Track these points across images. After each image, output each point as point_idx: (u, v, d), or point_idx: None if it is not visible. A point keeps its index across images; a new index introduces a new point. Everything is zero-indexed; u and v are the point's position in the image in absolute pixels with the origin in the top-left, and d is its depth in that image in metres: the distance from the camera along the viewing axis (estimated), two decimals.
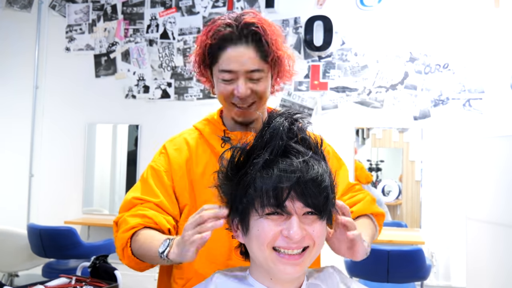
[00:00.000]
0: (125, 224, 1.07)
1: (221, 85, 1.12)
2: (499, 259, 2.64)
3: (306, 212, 0.79)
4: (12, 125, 4.38)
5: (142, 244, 1.02)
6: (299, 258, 0.79)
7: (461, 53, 3.59)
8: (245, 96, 1.10)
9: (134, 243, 1.04)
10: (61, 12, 4.37)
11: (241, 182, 0.81)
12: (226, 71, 1.10)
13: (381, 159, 4.04)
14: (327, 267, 0.96)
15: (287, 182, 0.76)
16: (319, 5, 3.82)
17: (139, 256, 1.04)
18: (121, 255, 1.07)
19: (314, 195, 0.78)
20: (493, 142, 2.85)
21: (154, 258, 0.95)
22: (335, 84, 3.79)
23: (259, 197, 0.78)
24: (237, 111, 1.14)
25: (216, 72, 1.13)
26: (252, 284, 0.85)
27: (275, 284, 0.84)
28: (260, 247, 0.79)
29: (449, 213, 3.55)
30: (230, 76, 1.10)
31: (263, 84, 1.12)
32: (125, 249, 1.06)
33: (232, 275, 0.89)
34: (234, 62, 1.09)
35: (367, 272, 2.88)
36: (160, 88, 4.12)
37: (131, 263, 1.06)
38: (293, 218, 0.77)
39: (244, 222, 0.82)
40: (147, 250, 0.99)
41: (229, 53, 1.09)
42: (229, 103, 1.13)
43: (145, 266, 1.07)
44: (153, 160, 1.20)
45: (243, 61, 1.09)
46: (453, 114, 3.58)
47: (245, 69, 1.09)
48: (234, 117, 1.15)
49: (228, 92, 1.11)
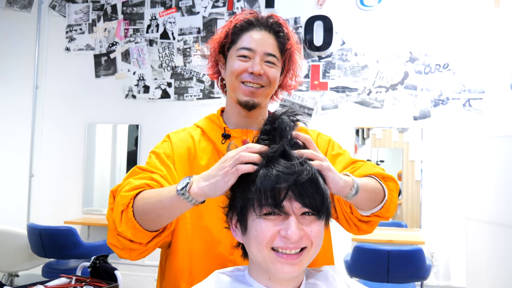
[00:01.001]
0: (129, 185, 1.01)
1: (236, 62, 1.16)
2: (499, 259, 2.65)
3: (304, 212, 0.80)
4: (12, 125, 4.38)
5: (150, 198, 0.96)
6: (297, 258, 0.79)
7: (461, 53, 3.59)
8: (258, 72, 1.13)
9: (137, 202, 0.97)
10: (61, 12, 4.37)
11: (241, 181, 0.82)
12: (246, 48, 1.15)
13: (381, 159, 4.04)
14: (326, 267, 0.96)
15: (285, 183, 0.77)
16: (319, 5, 3.83)
17: (143, 214, 0.96)
18: (118, 219, 0.98)
19: (311, 195, 0.79)
20: (493, 142, 2.85)
21: (167, 206, 0.92)
22: (335, 84, 3.79)
23: (257, 197, 0.78)
24: (246, 89, 1.15)
25: (233, 51, 1.17)
26: (251, 284, 0.86)
27: (274, 283, 0.84)
28: (259, 247, 0.79)
29: (449, 213, 3.55)
30: (249, 53, 1.15)
31: (275, 71, 1.17)
32: (125, 211, 0.97)
33: (231, 274, 0.89)
34: (254, 42, 1.15)
35: (367, 272, 2.88)
36: (160, 88, 4.12)
37: (128, 229, 0.97)
38: (291, 218, 0.78)
39: (243, 222, 0.82)
40: (157, 200, 0.94)
41: (251, 34, 1.16)
42: (239, 82, 1.16)
43: (142, 236, 0.98)
44: (155, 147, 1.19)
45: (263, 43, 1.16)
46: (453, 114, 3.58)
47: (264, 50, 1.15)
48: (241, 97, 1.16)
49: (242, 68, 1.15)
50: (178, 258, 1.10)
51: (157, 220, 0.96)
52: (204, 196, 0.87)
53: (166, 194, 0.92)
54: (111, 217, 1.01)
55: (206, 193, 0.86)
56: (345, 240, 3.51)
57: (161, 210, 0.94)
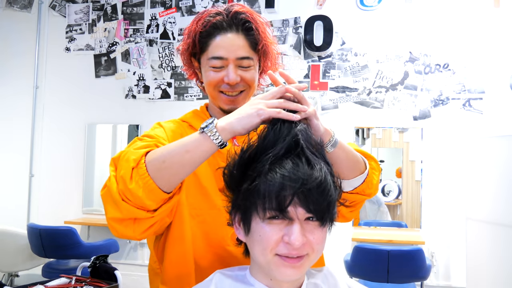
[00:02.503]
0: (136, 147, 0.94)
1: (211, 73, 1.11)
2: (499, 259, 2.65)
3: (308, 218, 0.79)
4: (13, 125, 4.38)
5: (166, 148, 0.89)
6: (298, 262, 0.79)
7: (461, 53, 3.59)
8: (235, 82, 1.09)
9: (150, 156, 0.89)
10: (61, 12, 4.37)
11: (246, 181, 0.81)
12: (216, 57, 1.09)
13: (381, 159, 4.04)
14: (327, 267, 0.96)
15: (290, 190, 0.76)
16: (319, 5, 3.82)
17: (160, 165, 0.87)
18: (128, 177, 0.87)
19: (317, 202, 0.77)
20: (493, 142, 2.85)
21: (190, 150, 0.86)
22: (335, 84, 3.79)
23: (262, 200, 0.78)
24: (226, 99, 1.12)
25: (205, 60, 1.12)
26: (252, 284, 0.86)
27: (275, 283, 0.84)
28: (263, 252, 0.79)
29: (449, 213, 3.55)
30: (220, 63, 1.09)
31: (252, 73, 1.12)
32: (136, 169, 0.88)
33: (232, 274, 0.89)
34: (224, 49, 1.09)
35: (367, 272, 2.88)
36: (160, 88, 4.12)
37: (139, 188, 0.86)
38: (295, 225, 0.77)
39: (246, 223, 0.82)
40: (176, 146, 0.88)
41: (219, 40, 1.09)
42: (218, 91, 1.12)
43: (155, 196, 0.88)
44: (146, 132, 1.08)
45: (234, 48, 1.09)
46: (453, 114, 3.58)
47: (235, 56, 1.09)
48: (222, 106, 1.13)
49: (218, 79, 1.10)
50: (183, 243, 1.05)
51: (176, 171, 0.88)
52: (232, 132, 0.86)
53: (186, 138, 0.88)
54: (114, 180, 0.90)
55: (234, 128, 0.85)
56: (345, 240, 3.51)
57: (183, 156, 0.87)
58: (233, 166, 0.84)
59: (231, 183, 0.85)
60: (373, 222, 3.87)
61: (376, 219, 3.92)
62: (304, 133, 0.82)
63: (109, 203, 0.91)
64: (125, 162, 0.89)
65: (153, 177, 0.87)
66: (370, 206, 3.97)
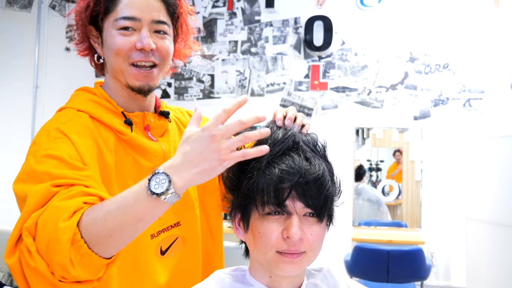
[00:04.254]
0: (60, 212, 0.72)
1: (118, 38, 0.92)
2: (499, 259, 2.65)
3: (306, 214, 0.79)
4: (12, 125, 4.38)
5: (108, 214, 0.71)
6: (297, 257, 0.79)
7: (461, 53, 3.59)
8: (149, 47, 0.92)
9: (87, 228, 0.71)
10: (61, 12, 4.37)
11: (244, 179, 0.82)
12: (127, 17, 0.91)
13: (381, 159, 4.04)
14: (327, 267, 0.96)
15: (288, 182, 0.77)
16: (319, 5, 3.82)
17: (104, 238, 0.71)
18: (67, 262, 0.69)
19: (315, 196, 0.78)
20: (493, 142, 2.85)
21: (144, 218, 0.71)
22: (335, 84, 3.79)
23: (261, 195, 0.78)
24: (137, 72, 0.94)
25: (110, 23, 0.93)
26: (251, 284, 0.86)
27: (275, 283, 0.84)
28: (263, 249, 0.79)
29: (449, 213, 3.55)
30: (132, 24, 0.92)
31: (168, 43, 0.96)
32: (72, 249, 0.70)
33: (232, 274, 0.89)
34: (137, 9, 0.92)
35: (367, 272, 2.89)
36: (160, 88, 4.12)
37: (84, 269, 0.71)
38: (293, 218, 0.78)
39: (246, 219, 0.82)
40: (124, 213, 0.71)
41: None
42: (127, 63, 0.94)
43: (99, 268, 0.73)
44: (44, 148, 0.85)
45: (149, 9, 0.93)
46: (453, 114, 3.58)
47: (151, 18, 0.93)
48: (132, 82, 0.95)
49: (128, 45, 0.92)
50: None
51: (126, 240, 0.75)
52: (188, 187, 0.73)
53: (132, 203, 0.72)
54: (40, 259, 0.71)
55: (194, 183, 0.73)
56: (345, 240, 3.51)
57: (136, 225, 0.73)
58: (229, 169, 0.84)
59: (230, 184, 0.86)
60: (373, 222, 3.87)
61: (376, 219, 3.92)
62: (299, 134, 0.85)
63: (36, 281, 0.73)
64: (54, 243, 0.70)
65: (96, 252, 0.72)
66: (370, 206, 3.97)
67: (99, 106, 0.96)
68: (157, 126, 1.04)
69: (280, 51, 3.89)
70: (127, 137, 0.95)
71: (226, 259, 1.16)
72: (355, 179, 3.81)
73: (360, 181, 3.95)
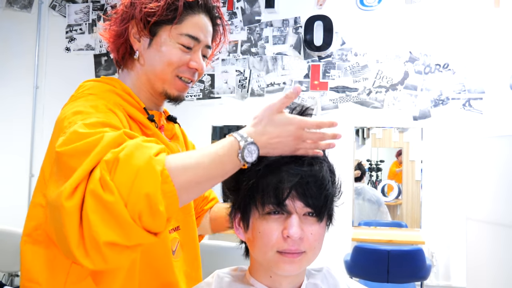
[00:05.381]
0: (146, 148, 0.70)
1: (177, 51, 0.96)
2: (499, 259, 2.64)
3: (306, 213, 0.80)
4: (12, 125, 4.38)
5: (200, 165, 0.73)
6: (297, 257, 0.79)
7: (461, 53, 3.59)
8: (201, 71, 1.00)
9: (176, 170, 0.70)
10: (61, 12, 4.37)
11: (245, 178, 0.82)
12: (192, 37, 0.96)
13: (381, 159, 4.04)
14: (327, 267, 0.96)
15: (288, 182, 0.77)
16: (319, 5, 3.82)
17: (190, 185, 0.72)
18: (158, 197, 0.66)
19: (315, 195, 0.78)
20: (493, 142, 2.85)
21: (228, 172, 0.76)
22: (335, 84, 3.79)
23: (261, 195, 0.79)
24: (181, 84, 1.00)
25: (172, 34, 0.96)
26: (252, 284, 0.86)
27: (275, 283, 0.84)
28: (264, 249, 0.80)
29: (449, 213, 3.55)
30: (193, 44, 0.97)
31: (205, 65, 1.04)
32: (165, 180, 0.68)
33: (232, 274, 0.90)
34: (201, 31, 0.98)
35: (367, 272, 2.88)
36: None
37: (168, 210, 0.68)
38: (293, 217, 0.78)
39: (246, 219, 0.82)
40: (215, 168, 0.74)
41: (198, 18, 0.97)
42: (174, 74, 0.98)
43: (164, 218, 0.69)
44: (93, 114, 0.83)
45: (207, 33, 1.00)
46: (453, 114, 3.58)
47: (206, 42, 1.00)
48: (172, 91, 0.99)
49: (184, 61, 0.97)
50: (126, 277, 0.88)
51: (203, 189, 0.76)
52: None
53: (224, 160, 0.74)
54: (118, 193, 0.65)
55: (267, 151, 0.78)
56: (345, 240, 3.51)
57: (220, 178, 0.77)
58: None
59: (231, 184, 0.85)
60: (373, 222, 3.86)
61: (376, 219, 3.92)
62: None
63: (102, 221, 0.66)
64: (145, 172, 0.67)
65: (180, 196, 0.70)
66: (370, 206, 3.97)
67: (126, 102, 0.96)
68: (168, 128, 1.10)
69: (280, 51, 3.89)
70: (151, 132, 0.97)
71: (226, 259, 1.17)
72: (354, 180, 3.82)
73: (360, 181, 3.95)
